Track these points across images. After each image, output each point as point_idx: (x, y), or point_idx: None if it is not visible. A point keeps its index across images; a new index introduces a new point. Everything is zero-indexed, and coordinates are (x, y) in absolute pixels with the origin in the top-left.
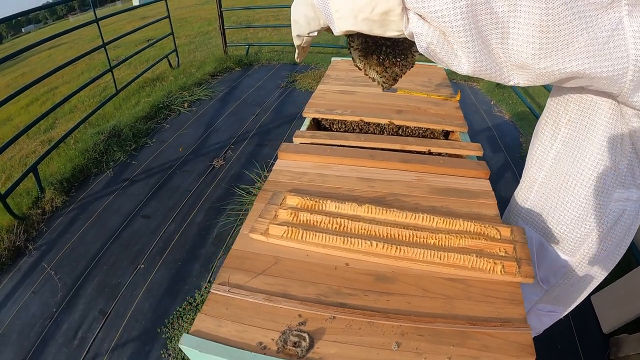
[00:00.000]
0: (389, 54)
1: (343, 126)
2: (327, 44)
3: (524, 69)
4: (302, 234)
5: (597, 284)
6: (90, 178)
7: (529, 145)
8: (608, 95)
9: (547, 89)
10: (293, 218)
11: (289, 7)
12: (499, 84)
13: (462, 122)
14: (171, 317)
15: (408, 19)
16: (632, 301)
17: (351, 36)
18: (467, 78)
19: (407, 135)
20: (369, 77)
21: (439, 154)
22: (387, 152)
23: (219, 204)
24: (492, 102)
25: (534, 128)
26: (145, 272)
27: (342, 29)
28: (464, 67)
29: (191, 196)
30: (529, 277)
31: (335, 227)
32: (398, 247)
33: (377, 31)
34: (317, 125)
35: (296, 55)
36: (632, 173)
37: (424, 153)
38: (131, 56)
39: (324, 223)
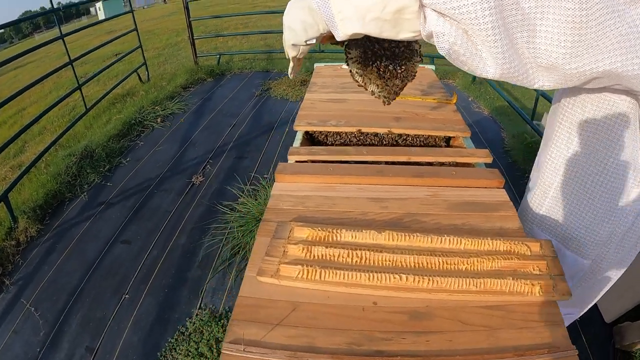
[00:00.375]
0: (388, 65)
1: (339, 138)
2: None
3: (552, 70)
4: (320, 272)
5: (614, 282)
6: (65, 203)
7: (511, 140)
8: (627, 93)
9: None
10: (306, 254)
11: (258, 13)
12: (475, 79)
13: (463, 126)
14: (163, 349)
15: (425, 17)
16: (632, 289)
17: (348, 47)
18: (442, 75)
19: (408, 144)
20: (370, 91)
21: (449, 164)
22: (396, 167)
23: (202, 223)
24: (469, 99)
25: (513, 122)
26: (131, 303)
27: (347, 32)
28: (490, 70)
29: (172, 217)
30: (566, 295)
31: (356, 261)
32: (430, 278)
33: (387, 33)
34: (311, 138)
35: (290, 69)
36: None
37: (431, 164)
38: (99, 72)
39: (342, 257)
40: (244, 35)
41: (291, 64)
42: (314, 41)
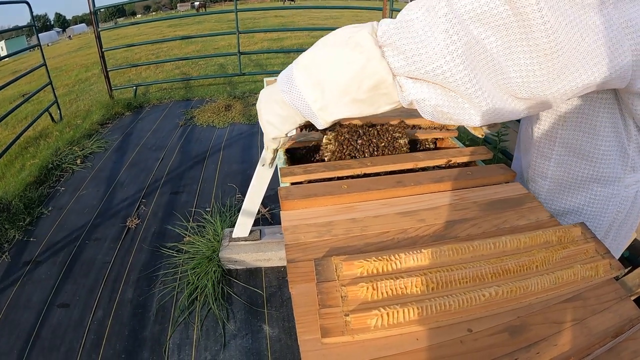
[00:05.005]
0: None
1: (320, 152)
2: (215, 74)
3: (531, 98)
4: (403, 312)
5: None
6: None
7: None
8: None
9: None
10: (372, 293)
11: (171, 40)
12: None
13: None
14: None
15: (401, 86)
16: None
17: (327, 136)
18: None
19: (398, 151)
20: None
21: (458, 165)
22: (413, 175)
23: (148, 271)
24: None
25: None
26: None
27: (327, 119)
28: (476, 118)
29: (112, 268)
30: (620, 269)
31: (433, 288)
32: (517, 285)
33: (367, 111)
34: (292, 156)
35: (268, 161)
36: None
37: (436, 168)
38: (7, 115)
39: (417, 287)
40: (158, 64)
41: (270, 156)
42: (293, 132)
